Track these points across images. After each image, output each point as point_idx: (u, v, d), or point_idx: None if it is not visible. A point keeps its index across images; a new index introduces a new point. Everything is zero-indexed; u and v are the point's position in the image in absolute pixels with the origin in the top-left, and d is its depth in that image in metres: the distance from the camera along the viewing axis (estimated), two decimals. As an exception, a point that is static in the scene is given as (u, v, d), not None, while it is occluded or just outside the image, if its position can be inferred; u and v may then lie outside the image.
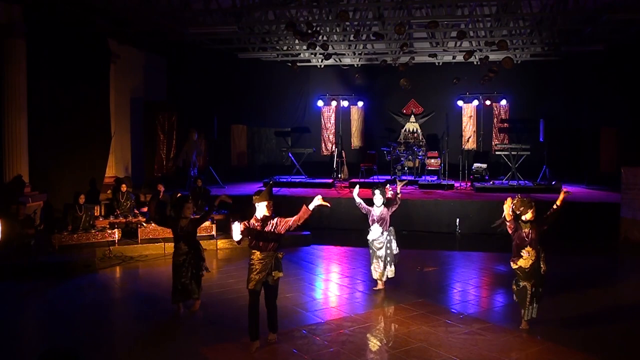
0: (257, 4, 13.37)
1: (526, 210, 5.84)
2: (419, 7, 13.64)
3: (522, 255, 5.92)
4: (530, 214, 5.86)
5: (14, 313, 7.08)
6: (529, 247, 5.89)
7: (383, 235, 7.53)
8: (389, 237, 7.58)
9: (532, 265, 5.89)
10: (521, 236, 5.90)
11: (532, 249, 5.89)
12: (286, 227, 5.64)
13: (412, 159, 16.24)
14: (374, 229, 7.57)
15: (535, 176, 15.05)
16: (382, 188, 7.66)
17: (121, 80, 14.24)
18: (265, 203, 5.60)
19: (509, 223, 5.93)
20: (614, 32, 14.37)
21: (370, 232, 7.61)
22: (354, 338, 5.89)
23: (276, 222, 5.63)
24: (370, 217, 7.63)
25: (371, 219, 7.62)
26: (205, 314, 6.61)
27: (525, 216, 5.86)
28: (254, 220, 5.60)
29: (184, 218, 6.69)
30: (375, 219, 7.57)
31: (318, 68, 19.25)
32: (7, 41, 10.70)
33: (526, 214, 5.85)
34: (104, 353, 5.69)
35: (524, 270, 5.93)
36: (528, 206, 5.85)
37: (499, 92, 18.16)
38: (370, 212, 7.63)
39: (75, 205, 10.12)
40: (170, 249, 9.86)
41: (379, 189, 7.61)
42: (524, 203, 5.87)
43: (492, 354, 5.38)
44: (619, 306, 7.12)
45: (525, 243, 5.89)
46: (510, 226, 5.94)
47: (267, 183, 11.78)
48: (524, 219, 5.88)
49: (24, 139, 11.01)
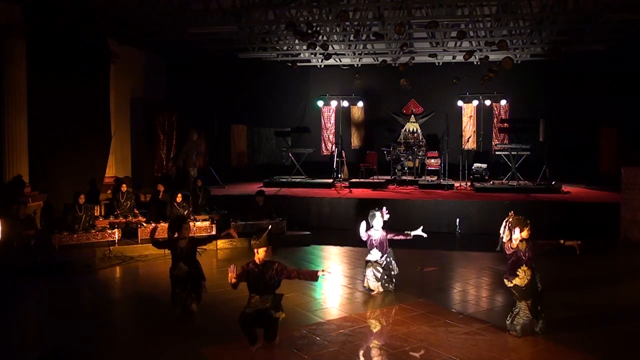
0: (257, 4, 13.36)
1: (522, 229, 5.80)
2: (419, 7, 13.63)
3: (517, 274, 5.84)
4: (526, 232, 5.80)
5: (14, 313, 7.08)
6: (525, 266, 5.83)
7: (382, 257, 7.53)
8: (389, 259, 7.58)
9: (528, 284, 5.81)
10: (518, 255, 5.85)
11: (527, 268, 5.83)
12: (286, 276, 5.57)
13: (412, 159, 16.24)
14: (373, 252, 7.54)
15: (535, 176, 15.05)
16: (380, 211, 7.58)
17: (121, 80, 14.24)
18: (265, 248, 5.45)
19: (506, 243, 5.88)
20: (614, 32, 14.37)
21: (370, 255, 7.58)
22: (354, 338, 5.89)
23: (277, 268, 5.50)
24: (369, 242, 7.56)
25: (370, 243, 7.56)
26: (205, 314, 6.61)
27: (521, 234, 5.80)
28: (252, 265, 5.48)
29: (182, 239, 6.63)
30: (375, 244, 7.52)
31: (318, 68, 19.25)
32: (7, 41, 10.70)
33: (522, 232, 5.79)
34: (104, 353, 5.69)
35: (519, 289, 5.84)
36: (523, 224, 5.80)
37: (499, 92, 18.16)
38: (370, 238, 7.56)
39: (75, 205, 10.11)
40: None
41: (379, 211, 7.56)
42: (518, 222, 5.83)
43: (492, 354, 5.38)
44: (618, 306, 7.12)
45: (522, 262, 5.84)
46: (507, 246, 5.87)
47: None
48: (518, 237, 5.82)
49: (24, 139, 11.01)
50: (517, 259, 5.85)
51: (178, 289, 6.54)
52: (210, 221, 10.77)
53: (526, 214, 12.28)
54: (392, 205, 12.52)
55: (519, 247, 5.84)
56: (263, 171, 17.91)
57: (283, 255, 9.98)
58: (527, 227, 5.80)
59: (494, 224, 11.91)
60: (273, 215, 11.19)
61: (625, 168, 11.28)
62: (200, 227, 10.44)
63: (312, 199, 13.09)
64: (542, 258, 6.26)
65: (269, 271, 5.46)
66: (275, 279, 5.48)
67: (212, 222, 10.72)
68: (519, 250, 5.84)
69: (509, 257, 5.91)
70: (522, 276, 5.83)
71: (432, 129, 18.88)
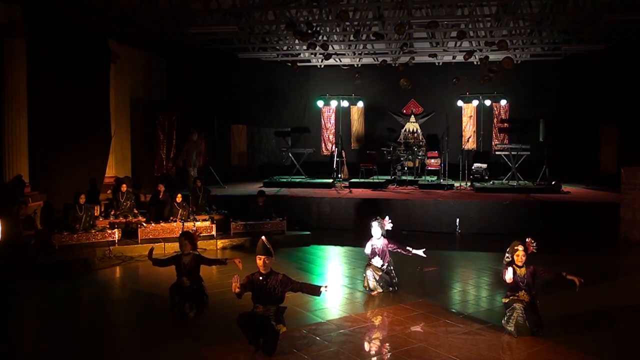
0: (257, 4, 13.37)
1: (515, 249, 5.82)
2: (419, 7, 13.64)
3: (516, 297, 5.87)
4: (522, 253, 5.80)
5: (14, 313, 7.08)
6: (523, 291, 5.85)
7: (384, 265, 7.53)
8: (390, 267, 7.59)
9: (525, 306, 5.80)
10: (516, 280, 5.84)
11: (526, 293, 5.85)
12: (290, 288, 5.52)
13: (412, 159, 16.24)
14: (375, 259, 7.55)
15: (535, 176, 15.05)
16: (381, 220, 7.57)
17: (121, 80, 14.24)
18: (264, 257, 5.39)
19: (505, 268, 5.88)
20: (614, 32, 14.38)
21: (372, 260, 7.57)
22: (354, 338, 5.89)
23: (281, 280, 5.46)
24: (371, 250, 7.56)
25: (372, 251, 7.56)
26: (205, 314, 6.60)
27: (516, 256, 5.82)
28: (257, 274, 5.46)
29: (186, 255, 6.61)
30: (377, 252, 7.52)
31: (318, 68, 19.26)
32: (7, 41, 10.70)
33: (517, 252, 5.81)
34: (104, 353, 5.69)
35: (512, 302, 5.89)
36: (517, 244, 5.83)
37: (499, 92, 18.18)
38: (373, 247, 7.56)
39: (75, 205, 10.11)
40: (170, 249, 9.91)
41: (377, 221, 7.55)
42: (515, 243, 5.86)
43: (492, 354, 5.38)
44: (618, 306, 7.12)
45: (520, 287, 5.86)
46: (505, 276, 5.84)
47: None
48: (518, 261, 5.84)
49: (24, 139, 11.01)
50: (514, 285, 5.87)
51: (177, 297, 6.53)
52: (210, 221, 10.77)
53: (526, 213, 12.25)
54: (392, 205, 12.61)
55: (518, 273, 5.85)
56: (263, 171, 17.92)
57: (283, 255, 9.99)
58: (520, 251, 5.80)
59: (494, 224, 12.02)
60: (273, 215, 11.20)
61: (625, 168, 11.28)
62: (200, 227, 10.43)
63: (312, 199, 13.09)
64: (541, 259, 6.26)
65: (273, 282, 5.42)
66: (278, 289, 5.43)
67: (212, 222, 10.71)
68: (516, 276, 5.83)
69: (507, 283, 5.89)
70: (521, 297, 5.85)
71: (432, 129, 18.89)
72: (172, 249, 10.09)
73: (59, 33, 11.62)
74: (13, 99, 10.79)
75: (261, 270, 5.42)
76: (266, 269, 5.42)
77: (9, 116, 10.78)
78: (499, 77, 15.63)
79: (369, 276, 7.50)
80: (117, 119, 13.95)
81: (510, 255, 5.91)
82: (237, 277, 5.32)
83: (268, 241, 5.48)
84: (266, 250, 5.40)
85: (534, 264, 6.01)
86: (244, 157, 18.25)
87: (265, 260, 5.39)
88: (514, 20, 14.04)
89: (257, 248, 5.47)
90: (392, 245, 7.56)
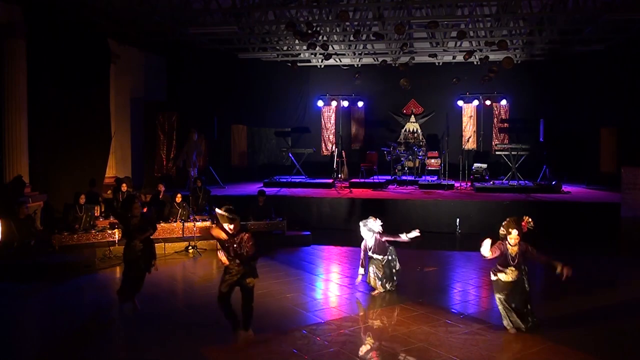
0: (257, 4, 13.36)
1: (509, 231, 5.85)
2: (419, 7, 13.64)
3: (504, 272, 5.92)
4: (515, 235, 5.84)
5: (14, 313, 7.08)
6: (512, 268, 5.90)
7: (385, 257, 7.52)
8: (390, 257, 7.57)
9: (512, 282, 5.88)
10: (507, 256, 5.90)
11: (515, 269, 5.90)
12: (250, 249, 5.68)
13: (412, 159, 16.24)
14: (374, 255, 7.52)
15: (535, 176, 15.05)
16: (365, 221, 7.52)
17: (121, 80, 14.24)
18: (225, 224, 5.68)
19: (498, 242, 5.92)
20: (614, 32, 14.37)
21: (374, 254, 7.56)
22: (354, 338, 5.90)
23: (245, 238, 5.71)
24: (368, 249, 7.52)
25: (370, 250, 7.51)
26: (205, 314, 6.60)
27: (510, 237, 5.86)
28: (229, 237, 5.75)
29: (134, 217, 6.74)
30: (375, 249, 7.49)
31: (318, 68, 19.25)
32: (7, 41, 10.70)
33: (510, 234, 5.84)
34: (104, 353, 5.69)
35: (498, 283, 5.96)
36: (511, 226, 5.85)
37: (499, 92, 18.17)
38: (366, 247, 7.54)
39: (75, 205, 10.11)
40: (170, 249, 9.92)
41: (361, 223, 7.51)
42: (510, 224, 5.88)
43: (492, 354, 5.39)
44: (618, 306, 7.11)
45: (510, 264, 5.90)
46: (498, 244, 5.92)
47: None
48: (510, 242, 5.87)
49: (24, 139, 11.01)
50: (504, 260, 5.92)
51: (131, 272, 6.68)
52: (210, 221, 10.76)
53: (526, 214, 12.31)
54: (392, 205, 12.61)
55: (510, 251, 5.87)
56: (263, 171, 17.91)
57: (283, 255, 10.00)
58: (517, 231, 5.84)
59: (494, 224, 11.99)
60: (273, 215, 11.20)
61: (625, 168, 11.28)
62: (200, 227, 10.43)
63: (312, 199, 13.09)
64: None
65: (239, 240, 5.67)
66: (241, 245, 5.65)
67: (212, 222, 10.71)
68: (508, 253, 5.88)
69: (497, 257, 5.96)
70: (508, 273, 5.90)
71: (432, 129, 18.88)
72: (172, 249, 10.10)
73: (59, 33, 11.62)
74: (13, 99, 10.79)
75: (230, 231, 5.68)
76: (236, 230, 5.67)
77: (9, 116, 10.78)
78: (499, 77, 15.63)
79: (371, 272, 7.52)
80: (117, 119, 13.95)
81: (504, 233, 5.92)
82: (222, 252, 5.68)
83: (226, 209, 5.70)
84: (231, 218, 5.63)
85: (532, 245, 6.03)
86: (244, 157, 18.24)
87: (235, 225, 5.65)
88: (514, 20, 14.04)
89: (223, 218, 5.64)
90: (386, 237, 7.54)
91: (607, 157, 15.92)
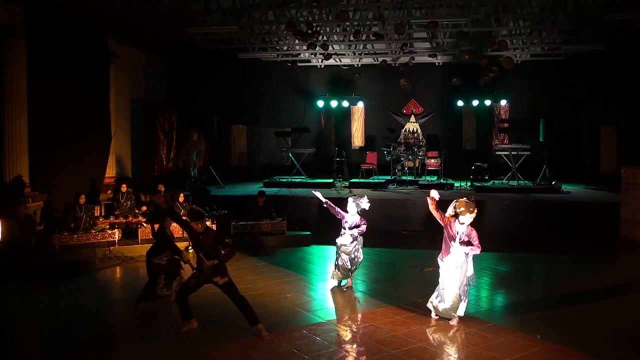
0: (257, 4, 13.38)
1: (464, 212, 5.95)
2: (419, 7, 13.64)
3: (450, 252, 6.10)
4: (468, 218, 5.97)
5: (14, 313, 7.08)
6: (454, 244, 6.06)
7: (352, 244, 7.61)
8: (357, 247, 7.67)
9: None
10: (450, 233, 6.07)
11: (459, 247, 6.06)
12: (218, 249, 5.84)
13: (412, 159, 16.23)
14: (344, 235, 7.65)
15: (535, 176, 15.05)
16: (358, 197, 7.68)
17: (121, 80, 14.23)
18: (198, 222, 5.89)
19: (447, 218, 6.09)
20: (614, 32, 14.38)
21: (341, 237, 7.70)
22: (354, 338, 5.89)
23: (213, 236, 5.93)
24: (343, 223, 7.69)
25: (343, 225, 7.68)
26: (205, 314, 6.60)
27: (469, 216, 5.97)
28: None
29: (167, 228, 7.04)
30: (347, 227, 7.63)
31: (318, 68, 19.25)
32: (7, 41, 10.69)
33: (463, 216, 5.95)
34: (105, 353, 5.69)
35: None
36: (467, 209, 5.94)
37: (499, 92, 18.15)
38: (344, 219, 7.68)
39: (75, 205, 10.11)
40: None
41: (353, 197, 7.67)
42: (466, 205, 5.98)
43: (492, 354, 5.38)
44: (618, 306, 7.12)
45: (454, 242, 6.05)
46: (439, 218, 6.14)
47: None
48: (460, 220, 6.00)
49: (24, 139, 11.01)
50: (448, 237, 6.13)
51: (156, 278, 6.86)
52: (210, 221, 10.76)
53: (526, 214, 12.25)
54: (392, 205, 12.60)
55: (456, 229, 6.02)
56: (263, 171, 17.91)
57: (283, 255, 10.00)
58: (472, 214, 5.98)
59: (494, 224, 12.02)
60: (273, 215, 11.20)
61: (625, 168, 11.29)
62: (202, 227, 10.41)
63: (312, 199, 13.03)
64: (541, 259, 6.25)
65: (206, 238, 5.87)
66: (208, 242, 5.82)
67: (212, 222, 10.71)
68: (453, 229, 6.04)
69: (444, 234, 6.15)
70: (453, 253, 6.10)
71: (432, 129, 18.88)
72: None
73: (59, 33, 11.61)
74: (13, 99, 10.78)
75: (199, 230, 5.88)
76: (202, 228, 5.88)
77: (9, 116, 10.77)
78: (499, 77, 15.62)
79: (340, 263, 7.65)
80: (117, 119, 13.94)
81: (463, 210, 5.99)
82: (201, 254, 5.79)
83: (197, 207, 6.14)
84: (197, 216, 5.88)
85: None
86: (244, 157, 18.24)
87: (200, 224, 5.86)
88: (514, 20, 14.04)
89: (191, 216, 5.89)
90: (363, 222, 7.60)
91: (607, 157, 15.92)
